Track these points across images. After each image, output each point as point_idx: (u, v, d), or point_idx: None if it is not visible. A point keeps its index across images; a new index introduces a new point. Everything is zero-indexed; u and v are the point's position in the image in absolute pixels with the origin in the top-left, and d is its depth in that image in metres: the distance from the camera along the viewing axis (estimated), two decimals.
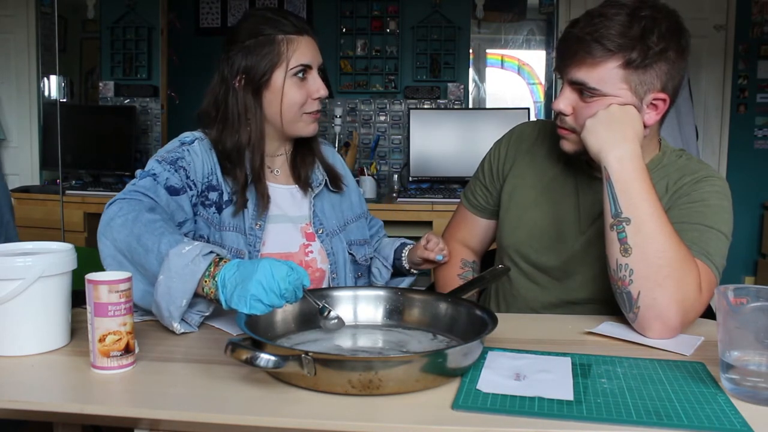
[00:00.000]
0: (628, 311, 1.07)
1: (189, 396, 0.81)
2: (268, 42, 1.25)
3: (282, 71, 1.25)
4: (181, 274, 0.98)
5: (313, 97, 1.28)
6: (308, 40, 1.28)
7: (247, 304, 0.92)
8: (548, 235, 1.31)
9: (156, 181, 1.18)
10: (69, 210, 3.37)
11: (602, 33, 1.09)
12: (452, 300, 1.08)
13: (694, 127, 3.68)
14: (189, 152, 1.25)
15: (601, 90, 1.11)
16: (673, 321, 1.03)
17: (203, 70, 4.62)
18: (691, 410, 0.77)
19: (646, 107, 1.14)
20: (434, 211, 3.28)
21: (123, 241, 1.04)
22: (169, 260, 0.99)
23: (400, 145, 3.92)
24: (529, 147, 1.39)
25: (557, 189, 1.32)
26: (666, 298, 1.02)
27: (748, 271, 3.94)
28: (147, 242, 1.02)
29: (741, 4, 3.82)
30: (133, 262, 1.04)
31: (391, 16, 3.89)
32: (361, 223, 1.44)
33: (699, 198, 1.17)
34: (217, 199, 1.25)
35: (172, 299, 0.98)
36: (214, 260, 0.99)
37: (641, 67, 1.09)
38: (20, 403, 0.79)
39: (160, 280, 0.99)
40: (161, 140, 3.95)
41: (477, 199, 1.46)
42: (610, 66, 1.10)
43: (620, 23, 1.09)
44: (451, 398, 0.79)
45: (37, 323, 0.94)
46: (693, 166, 1.24)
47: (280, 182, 1.35)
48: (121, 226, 1.06)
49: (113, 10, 4.00)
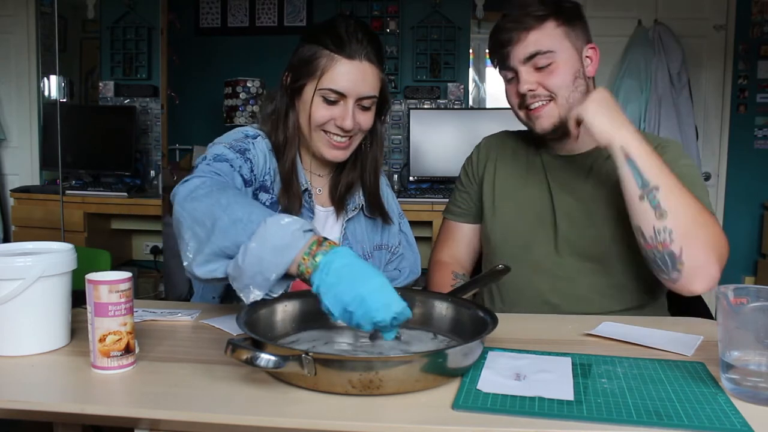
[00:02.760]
0: (671, 271, 1.14)
1: (189, 396, 0.81)
2: (314, 50, 1.22)
3: (312, 86, 1.22)
4: (278, 246, 0.88)
5: (337, 124, 1.22)
6: (356, 67, 1.21)
7: (338, 309, 0.85)
8: (528, 219, 1.38)
9: (233, 167, 1.15)
10: (69, 210, 3.38)
11: (528, 10, 1.27)
12: (452, 300, 1.08)
13: (694, 127, 3.69)
14: (254, 146, 1.23)
15: (553, 50, 1.26)
16: (713, 267, 1.11)
17: (203, 70, 4.64)
18: (691, 410, 0.77)
19: (585, 59, 1.31)
20: (434, 211, 3.29)
21: (206, 210, 0.95)
22: (267, 228, 0.89)
23: (400, 145, 3.92)
24: (498, 150, 1.50)
25: (529, 176, 1.42)
26: (704, 246, 1.12)
27: (748, 271, 3.93)
28: (237, 212, 0.92)
29: (741, 4, 3.82)
30: (213, 231, 0.93)
31: (391, 16, 3.89)
32: (381, 254, 1.42)
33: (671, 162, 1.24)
34: (268, 203, 1.23)
35: (262, 270, 0.88)
36: (318, 239, 0.90)
37: (570, 22, 1.28)
38: (20, 403, 0.79)
39: (252, 248, 0.88)
40: (161, 140, 3.94)
41: (458, 206, 1.52)
42: (549, 26, 1.27)
43: (535, 2, 1.28)
44: (451, 398, 0.79)
45: (37, 323, 0.94)
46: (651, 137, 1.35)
47: (321, 203, 1.34)
48: (204, 195, 0.98)
49: (113, 10, 4.00)
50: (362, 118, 1.25)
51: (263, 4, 4.00)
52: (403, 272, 1.46)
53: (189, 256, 0.95)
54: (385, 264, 1.43)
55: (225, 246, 0.92)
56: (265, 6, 4.01)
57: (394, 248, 1.44)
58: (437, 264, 1.50)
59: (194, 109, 4.03)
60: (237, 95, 3.66)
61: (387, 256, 1.43)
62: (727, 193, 3.94)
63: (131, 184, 3.71)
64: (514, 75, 1.31)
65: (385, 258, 1.43)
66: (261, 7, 4.01)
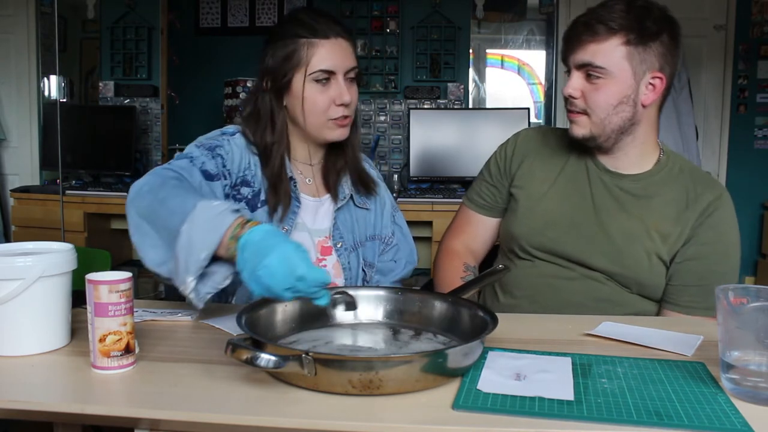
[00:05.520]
0: None
1: (189, 396, 0.81)
2: (290, 45, 1.24)
3: (301, 76, 1.24)
4: (205, 227, 0.93)
5: (337, 103, 1.25)
6: (335, 44, 1.25)
7: (255, 283, 0.87)
8: (563, 224, 1.35)
9: (192, 163, 1.18)
10: (69, 210, 3.38)
11: (604, 16, 1.23)
12: (452, 300, 1.08)
13: (694, 127, 3.68)
14: (229, 142, 1.26)
15: (606, 68, 1.22)
16: None
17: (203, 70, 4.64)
18: (691, 410, 0.77)
19: (645, 87, 1.25)
20: (434, 211, 3.29)
21: (147, 207, 1.02)
22: (195, 211, 0.95)
23: (400, 145, 3.92)
24: (536, 146, 1.44)
25: (569, 181, 1.37)
26: None
27: (748, 271, 3.94)
28: (172, 204, 0.99)
29: (741, 4, 3.82)
30: (156, 226, 1.00)
31: (391, 16, 3.89)
32: (374, 245, 1.42)
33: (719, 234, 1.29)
34: (251, 196, 1.25)
35: (192, 250, 0.92)
36: (242, 220, 0.93)
37: (640, 44, 1.22)
38: (20, 403, 0.79)
39: (183, 230, 0.94)
40: (161, 140, 3.95)
41: (484, 198, 1.48)
42: (613, 43, 1.22)
43: (620, 9, 1.23)
44: (451, 398, 0.79)
45: (37, 323, 0.94)
46: (700, 173, 1.36)
47: (310, 193, 1.34)
48: (147, 192, 1.04)
49: (113, 10, 4.00)
50: (352, 92, 1.28)
51: (263, 4, 4.00)
52: (400, 263, 1.46)
53: (138, 249, 1.02)
54: (379, 254, 1.43)
55: (168, 237, 0.97)
56: (265, 6, 4.01)
57: (387, 238, 1.44)
58: (449, 252, 1.48)
59: (194, 109, 4.03)
60: (237, 95, 3.66)
61: (381, 247, 1.43)
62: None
63: (131, 184, 3.70)
64: (567, 72, 1.30)
65: (379, 248, 1.43)
66: (261, 7, 4.01)
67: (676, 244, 1.29)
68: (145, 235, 1.02)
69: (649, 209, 1.31)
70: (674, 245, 1.29)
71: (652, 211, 1.31)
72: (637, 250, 1.29)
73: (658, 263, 1.29)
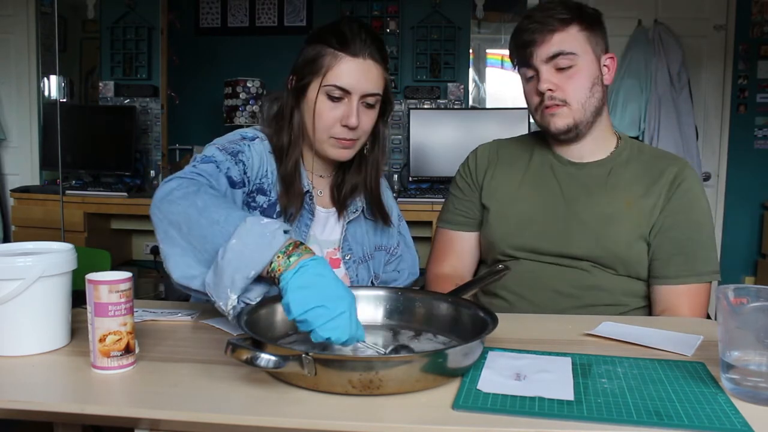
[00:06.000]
0: None
1: (189, 396, 0.81)
2: (318, 50, 1.22)
3: (316, 85, 1.22)
4: (258, 243, 0.90)
5: (342, 123, 1.22)
6: (360, 64, 1.21)
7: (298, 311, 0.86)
8: (538, 222, 1.37)
9: (218, 168, 1.15)
10: (69, 210, 3.38)
11: (552, 12, 1.30)
12: (452, 300, 1.08)
13: (694, 127, 3.68)
14: (249, 148, 1.24)
15: (576, 53, 1.29)
16: None
17: (203, 70, 4.63)
18: (691, 410, 0.77)
19: (604, 66, 1.34)
20: (434, 211, 3.28)
21: (181, 213, 0.97)
22: (247, 226, 0.92)
23: (400, 145, 3.92)
24: (495, 156, 1.50)
25: (535, 180, 1.42)
26: None
27: (748, 271, 3.93)
28: (213, 214, 0.95)
29: (741, 4, 3.82)
30: (190, 235, 0.96)
31: (391, 16, 3.89)
32: (380, 255, 1.42)
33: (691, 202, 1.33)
34: (266, 206, 1.24)
35: (241, 267, 0.90)
36: (294, 242, 0.92)
37: (591, 28, 1.32)
38: (20, 403, 0.79)
39: (232, 245, 0.91)
40: (161, 140, 3.95)
41: (456, 216, 1.50)
42: (573, 30, 1.30)
43: (559, 5, 1.32)
44: (451, 398, 0.79)
45: (37, 323, 0.94)
46: (659, 150, 1.44)
47: (322, 204, 1.34)
48: (180, 198, 0.99)
49: (113, 10, 4.00)
50: (365, 117, 1.24)
51: (263, 4, 4.00)
52: (402, 273, 1.46)
53: (164, 259, 0.98)
54: (384, 264, 1.43)
55: (204, 249, 0.95)
56: (265, 6, 4.01)
57: (392, 249, 1.45)
58: (438, 278, 1.46)
59: (194, 109, 4.03)
60: (237, 95, 3.66)
61: (386, 257, 1.44)
62: (727, 193, 3.94)
63: (131, 184, 3.71)
64: (534, 74, 1.33)
65: (384, 259, 1.43)
66: (261, 7, 4.01)
67: (651, 217, 1.32)
68: (174, 244, 0.98)
69: (619, 189, 1.35)
70: (650, 218, 1.32)
71: (621, 190, 1.35)
72: (615, 230, 1.32)
73: (637, 239, 1.32)
